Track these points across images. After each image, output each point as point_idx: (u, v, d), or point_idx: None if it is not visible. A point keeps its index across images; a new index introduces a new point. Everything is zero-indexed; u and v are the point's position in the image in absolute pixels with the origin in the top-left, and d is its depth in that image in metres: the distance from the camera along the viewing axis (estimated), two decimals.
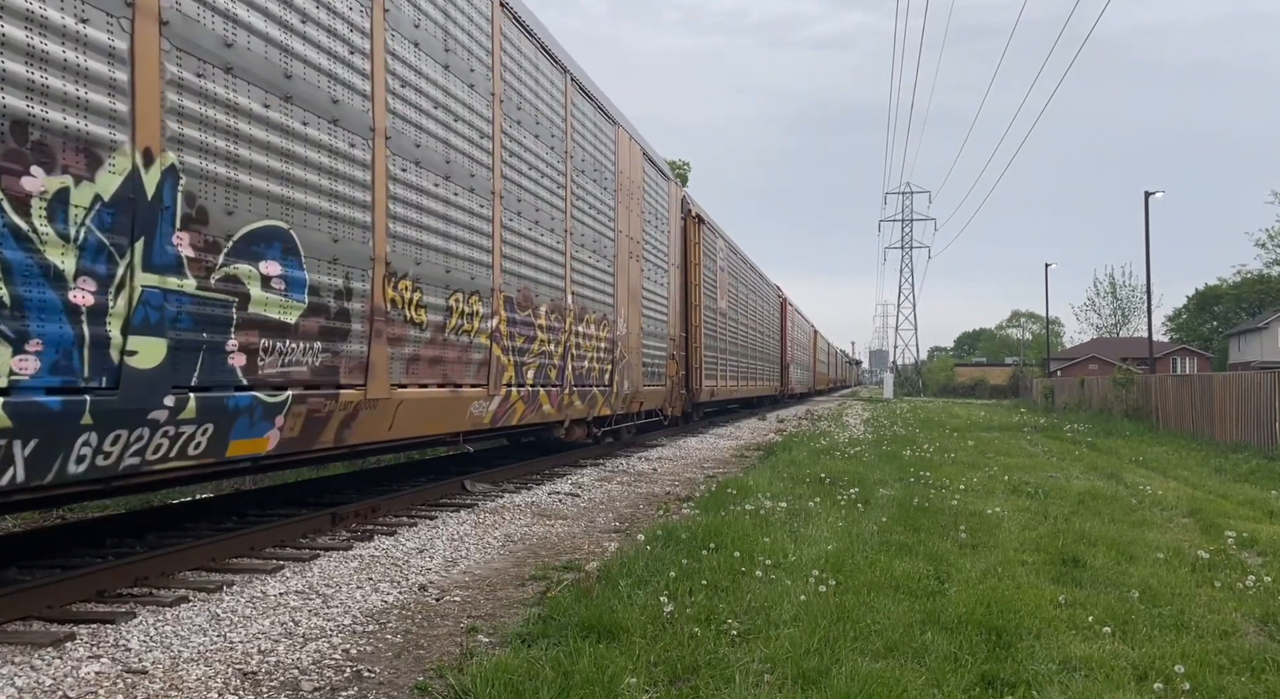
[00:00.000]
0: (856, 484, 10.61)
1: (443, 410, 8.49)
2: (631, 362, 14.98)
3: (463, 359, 8.81)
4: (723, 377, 24.14)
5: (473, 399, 9.02)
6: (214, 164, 5.58)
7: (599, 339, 13.27)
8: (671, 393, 18.04)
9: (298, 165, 6.36)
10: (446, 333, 8.48)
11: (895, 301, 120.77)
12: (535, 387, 10.70)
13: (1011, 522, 8.35)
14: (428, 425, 8.31)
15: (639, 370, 15.51)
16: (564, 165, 11.97)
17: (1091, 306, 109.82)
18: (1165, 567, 6.56)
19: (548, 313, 11.20)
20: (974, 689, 4.10)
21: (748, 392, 29.47)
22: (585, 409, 12.67)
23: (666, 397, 17.69)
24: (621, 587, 5.50)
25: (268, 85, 6.07)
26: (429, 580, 6.21)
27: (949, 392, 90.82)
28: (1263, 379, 18.34)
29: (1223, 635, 4.97)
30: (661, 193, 17.76)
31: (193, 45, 5.45)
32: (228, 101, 5.71)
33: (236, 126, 5.78)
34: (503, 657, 4.37)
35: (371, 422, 7.29)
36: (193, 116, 5.43)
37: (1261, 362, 57.90)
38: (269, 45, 6.11)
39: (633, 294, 15.19)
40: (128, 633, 4.84)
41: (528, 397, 10.45)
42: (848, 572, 6.05)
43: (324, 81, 6.67)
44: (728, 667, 4.22)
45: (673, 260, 18.68)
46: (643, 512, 9.39)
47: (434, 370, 8.26)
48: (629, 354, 14.81)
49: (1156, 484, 11.95)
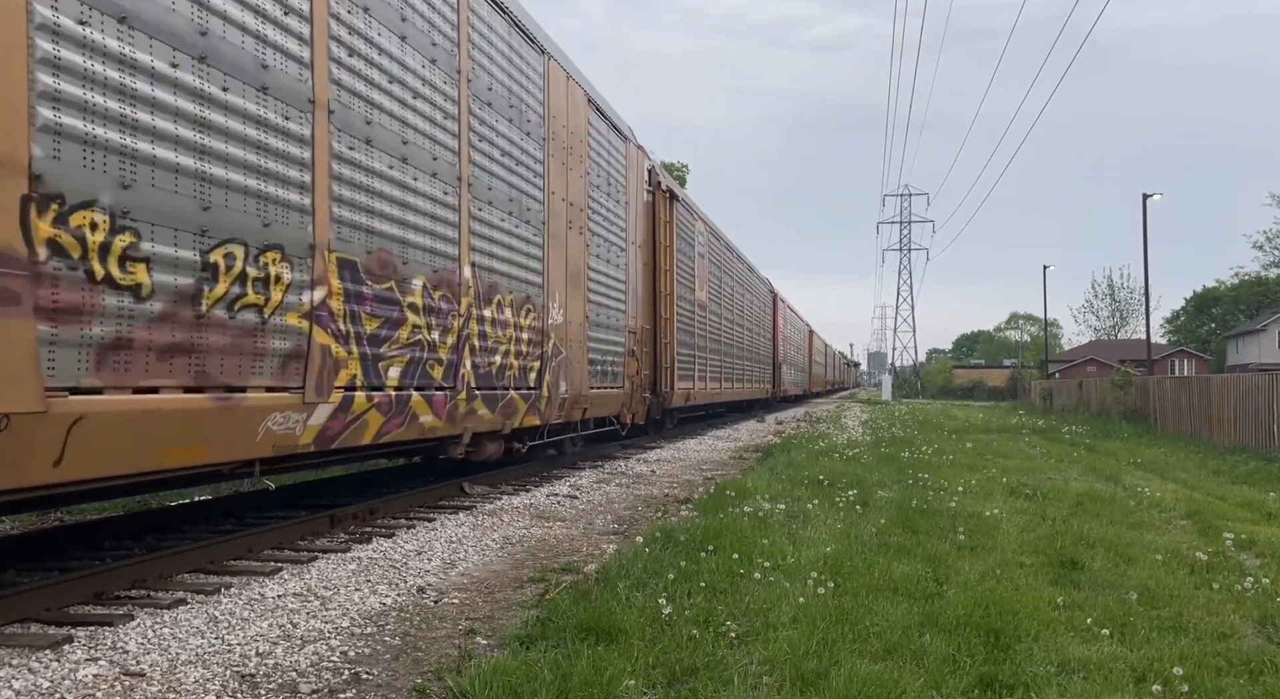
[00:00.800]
0: (855, 486, 10.61)
1: (195, 428, 5.49)
2: (573, 358, 12.06)
3: (245, 348, 5.87)
4: (701, 378, 21.52)
5: (270, 410, 6.08)
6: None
7: (520, 328, 10.21)
8: (632, 396, 15.03)
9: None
10: (205, 305, 5.51)
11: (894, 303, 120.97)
12: (405, 390, 7.78)
13: (1010, 523, 8.35)
14: (160, 454, 5.27)
15: (583, 369, 12.54)
16: (454, 88, 8.71)
17: (1090, 309, 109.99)
18: (1164, 568, 6.56)
19: (428, 289, 8.18)
20: (973, 691, 4.10)
21: (733, 394, 26.83)
22: (498, 420, 9.74)
23: (625, 401, 14.64)
24: (620, 589, 5.49)
25: None
26: (427, 582, 6.21)
27: (947, 393, 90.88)
28: (1260, 381, 18.35)
29: (1221, 637, 4.97)
30: (617, 155, 14.49)
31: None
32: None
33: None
34: (501, 659, 4.37)
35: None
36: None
37: (1259, 363, 57.96)
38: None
39: (574, 274, 12.12)
40: (126, 635, 4.83)
41: (389, 404, 7.49)
42: (846, 573, 6.05)
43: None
44: (726, 668, 4.22)
45: (634, 238, 15.38)
46: (641, 514, 9.39)
47: (176, 365, 5.32)
48: (568, 349, 11.87)
49: (1155, 486, 11.95)
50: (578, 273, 12.32)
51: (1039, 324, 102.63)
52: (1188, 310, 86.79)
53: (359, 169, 7.14)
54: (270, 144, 6.12)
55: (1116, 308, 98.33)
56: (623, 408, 14.58)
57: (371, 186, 7.31)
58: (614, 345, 14.14)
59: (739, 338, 27.64)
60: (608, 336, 13.80)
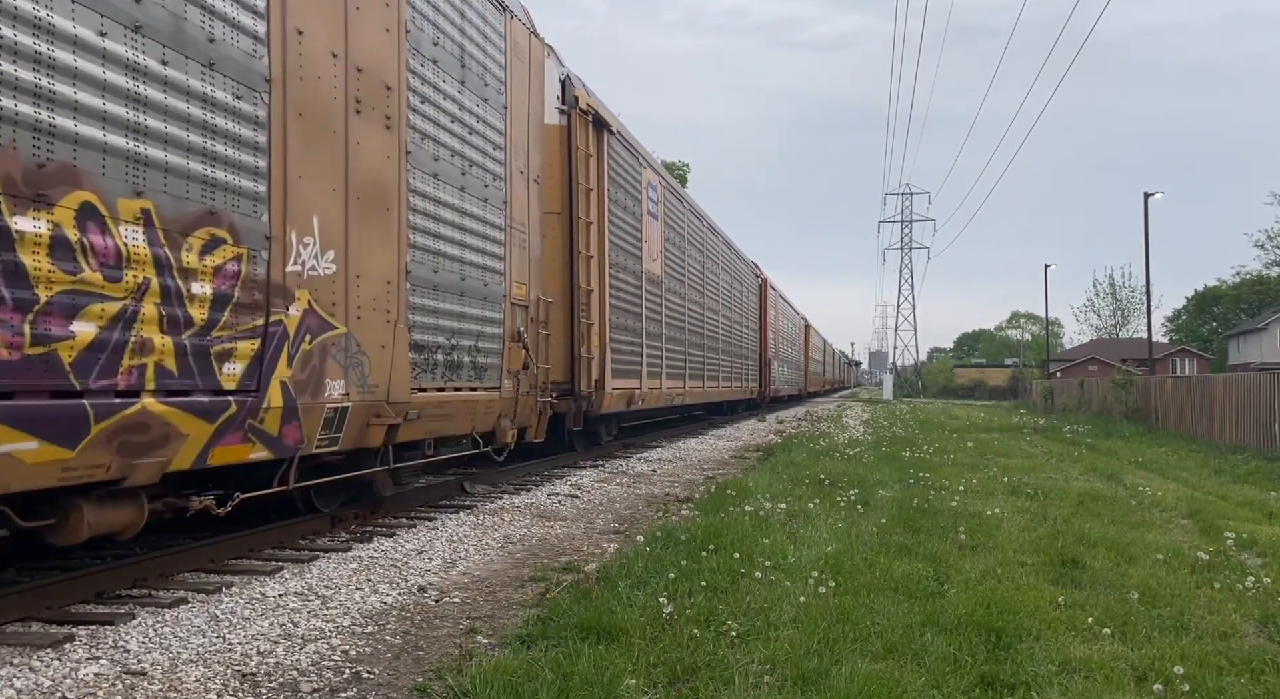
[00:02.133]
0: (856, 485, 10.60)
1: None
2: (367, 339, 7.30)
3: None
4: (655, 374, 17.03)
5: None
6: None
7: (200, 277, 5.58)
8: (518, 402, 10.20)
9: None
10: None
11: (895, 302, 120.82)
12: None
13: (1011, 523, 8.35)
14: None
15: (396, 358, 7.67)
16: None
17: (1091, 308, 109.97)
18: (1165, 568, 6.56)
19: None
20: (973, 690, 4.10)
21: (706, 395, 22.19)
22: (147, 467, 5.22)
23: (508, 408, 9.92)
24: (621, 588, 5.49)
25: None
26: (428, 582, 6.21)
27: (948, 393, 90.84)
28: (1262, 380, 18.34)
29: (1222, 636, 4.97)
30: (484, 27, 9.50)
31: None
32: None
33: None
34: (502, 658, 4.37)
35: None
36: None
37: (1261, 363, 57.91)
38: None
39: (368, 194, 7.30)
40: (127, 634, 4.83)
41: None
42: (847, 573, 6.05)
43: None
44: (727, 668, 4.22)
45: (527, 168, 10.60)
46: (642, 513, 9.39)
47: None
48: (354, 324, 7.15)
49: (1156, 485, 11.95)
50: (379, 193, 7.39)
51: (1040, 323, 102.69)
52: (1189, 309, 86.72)
53: None
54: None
55: (1118, 307, 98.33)
56: (500, 419, 9.70)
57: None
58: (477, 323, 9.23)
59: (715, 327, 23.43)
60: (461, 308, 8.87)
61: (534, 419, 10.90)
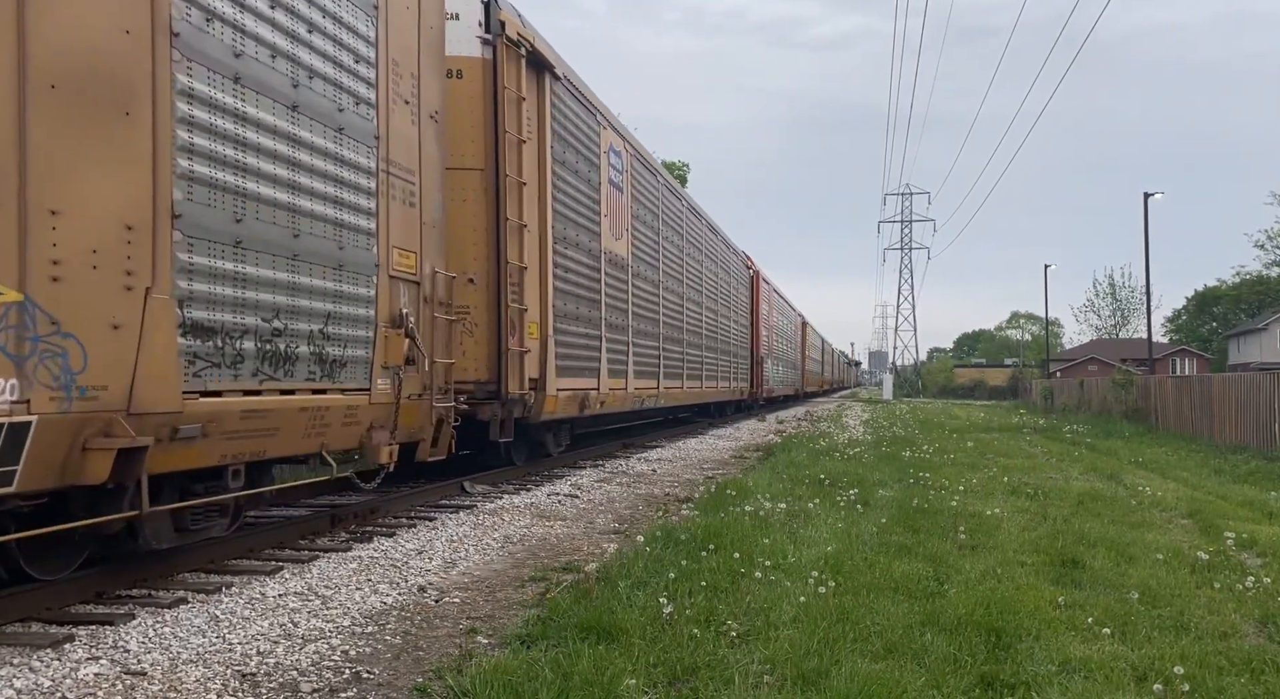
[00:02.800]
0: (856, 485, 10.60)
1: None
2: (71, 320, 4.70)
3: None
4: (618, 372, 14.36)
5: None
6: None
7: None
8: (409, 408, 7.89)
9: None
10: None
11: (895, 302, 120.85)
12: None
13: (1011, 523, 8.35)
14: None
15: (148, 350, 5.13)
16: None
17: (1091, 308, 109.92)
18: (1165, 568, 6.56)
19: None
20: (973, 690, 4.10)
21: (685, 397, 19.64)
22: None
23: (383, 417, 7.55)
24: (621, 588, 5.49)
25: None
26: (428, 582, 6.21)
27: (948, 393, 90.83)
28: (1262, 380, 18.34)
29: (1222, 637, 4.97)
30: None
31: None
32: None
33: None
34: (502, 658, 4.37)
35: None
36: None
37: (1261, 363, 57.90)
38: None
39: (78, 85, 4.78)
40: (127, 634, 4.84)
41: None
42: (847, 573, 6.05)
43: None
44: (727, 668, 4.22)
45: (407, 94, 7.99)
46: (642, 513, 9.39)
47: None
48: (46, 294, 4.58)
49: (1156, 485, 11.95)
50: (104, 85, 4.92)
51: (1040, 323, 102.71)
52: (1189, 309, 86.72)
53: None
54: None
55: (1118, 307, 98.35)
56: (371, 432, 7.40)
57: None
58: (327, 299, 6.81)
59: (697, 320, 21.03)
60: (293, 276, 6.43)
61: (428, 430, 8.28)
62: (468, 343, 9.90)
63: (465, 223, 9.92)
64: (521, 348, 10.44)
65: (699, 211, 21.93)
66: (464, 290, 9.70)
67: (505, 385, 10.12)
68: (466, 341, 9.86)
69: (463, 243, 9.85)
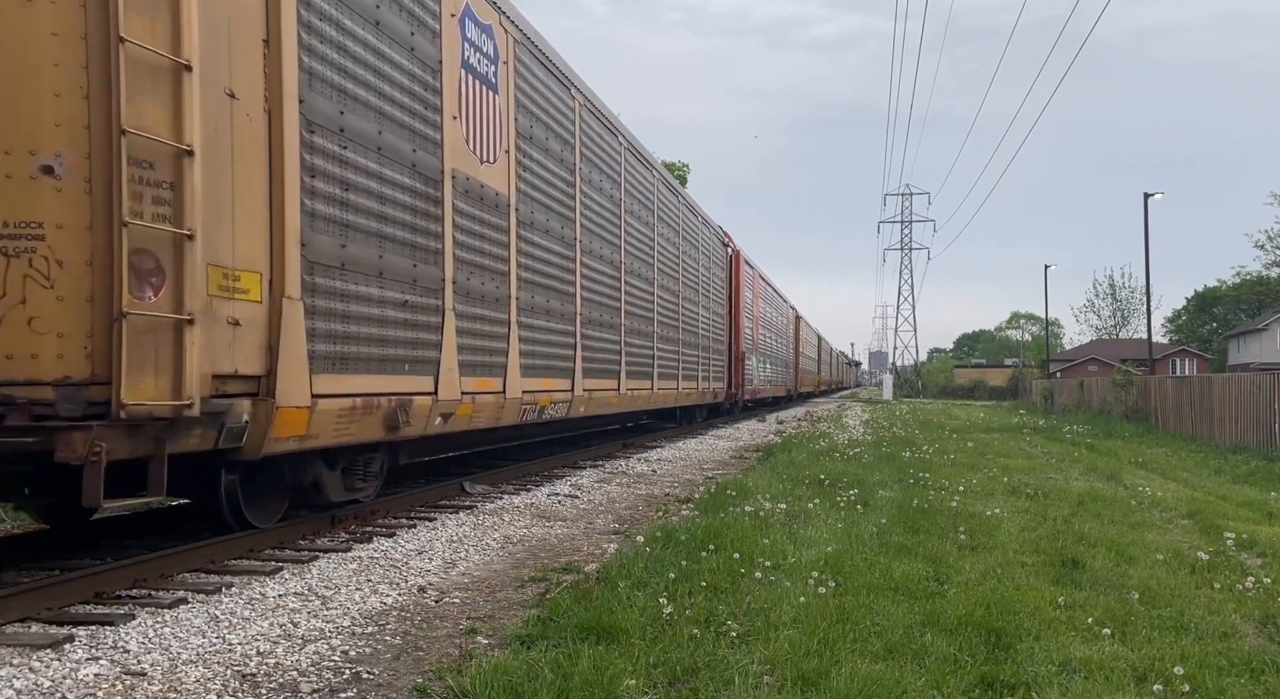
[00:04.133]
0: (856, 486, 10.60)
1: None
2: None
3: None
4: (487, 367, 9.42)
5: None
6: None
7: None
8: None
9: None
10: None
11: (895, 303, 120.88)
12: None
13: (1011, 523, 8.35)
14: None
15: None
16: None
17: (1091, 308, 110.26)
18: (1165, 568, 6.56)
19: None
20: (974, 691, 4.10)
21: (625, 402, 14.80)
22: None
23: None
24: (621, 588, 5.49)
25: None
26: (428, 582, 6.21)
27: (948, 393, 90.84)
28: (1262, 380, 18.34)
29: (1222, 637, 4.97)
30: None
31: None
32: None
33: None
34: (502, 658, 4.37)
35: None
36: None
37: (1261, 363, 57.92)
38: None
39: None
40: (126, 635, 4.83)
41: None
42: (847, 573, 6.05)
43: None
44: (727, 668, 4.22)
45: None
46: (642, 513, 9.39)
47: None
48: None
49: (1156, 485, 11.95)
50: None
51: (1040, 323, 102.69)
52: (1189, 310, 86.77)
53: None
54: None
55: (1118, 307, 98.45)
56: None
57: None
58: None
59: (644, 300, 16.24)
60: None
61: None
62: (41, 303, 5.11)
63: (26, 49, 5.13)
64: (180, 313, 5.35)
65: (650, 161, 17.03)
66: (27, 191, 5.10)
67: (119, 389, 5.07)
68: (38, 300, 5.11)
69: (21, 90, 5.12)
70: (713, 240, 23.65)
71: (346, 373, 7.01)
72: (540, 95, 11.20)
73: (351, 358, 7.09)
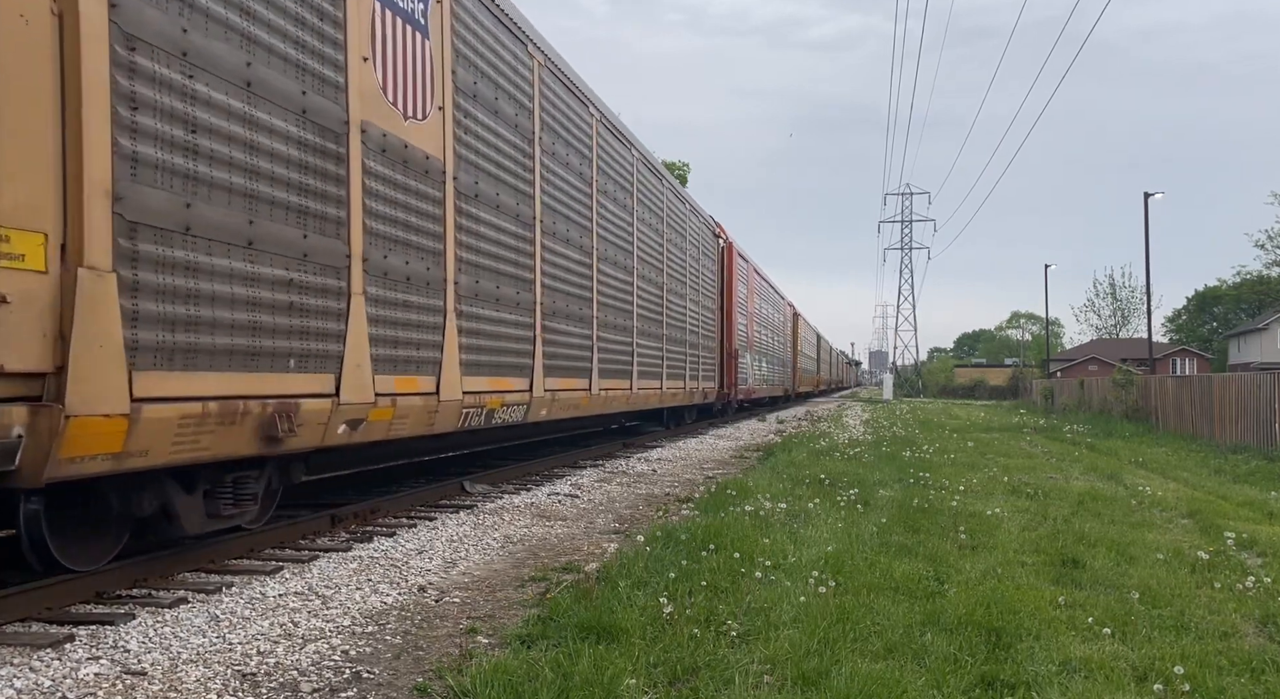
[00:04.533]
0: (856, 485, 10.60)
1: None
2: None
3: None
4: (416, 364, 7.80)
5: None
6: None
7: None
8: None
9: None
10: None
11: (895, 303, 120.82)
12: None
13: (1011, 523, 8.35)
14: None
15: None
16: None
17: (1091, 307, 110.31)
18: (1165, 568, 6.56)
19: None
20: (974, 690, 4.10)
21: (596, 404, 13.07)
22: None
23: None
24: (621, 588, 5.49)
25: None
26: (428, 581, 6.21)
27: (948, 393, 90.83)
28: (1262, 380, 18.34)
29: (1222, 636, 4.97)
30: None
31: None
32: None
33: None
34: (502, 658, 4.37)
35: None
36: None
37: (1261, 362, 57.92)
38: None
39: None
40: (127, 634, 4.83)
41: None
42: (847, 573, 6.05)
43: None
44: (727, 668, 4.22)
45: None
46: (642, 513, 9.39)
47: None
48: None
49: (1156, 485, 11.95)
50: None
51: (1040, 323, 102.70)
52: (1189, 309, 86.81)
53: None
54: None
55: (1118, 307, 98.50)
56: None
57: None
58: None
59: (619, 290, 14.53)
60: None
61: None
62: None
63: None
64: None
65: (628, 139, 15.33)
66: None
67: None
68: None
69: None
70: (703, 230, 22.11)
71: (194, 370, 5.31)
72: (487, 47, 9.44)
73: (203, 350, 5.38)
